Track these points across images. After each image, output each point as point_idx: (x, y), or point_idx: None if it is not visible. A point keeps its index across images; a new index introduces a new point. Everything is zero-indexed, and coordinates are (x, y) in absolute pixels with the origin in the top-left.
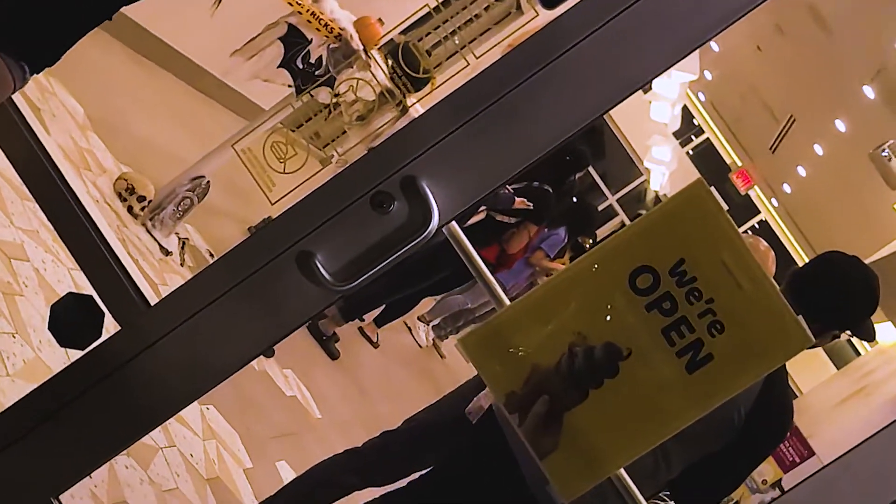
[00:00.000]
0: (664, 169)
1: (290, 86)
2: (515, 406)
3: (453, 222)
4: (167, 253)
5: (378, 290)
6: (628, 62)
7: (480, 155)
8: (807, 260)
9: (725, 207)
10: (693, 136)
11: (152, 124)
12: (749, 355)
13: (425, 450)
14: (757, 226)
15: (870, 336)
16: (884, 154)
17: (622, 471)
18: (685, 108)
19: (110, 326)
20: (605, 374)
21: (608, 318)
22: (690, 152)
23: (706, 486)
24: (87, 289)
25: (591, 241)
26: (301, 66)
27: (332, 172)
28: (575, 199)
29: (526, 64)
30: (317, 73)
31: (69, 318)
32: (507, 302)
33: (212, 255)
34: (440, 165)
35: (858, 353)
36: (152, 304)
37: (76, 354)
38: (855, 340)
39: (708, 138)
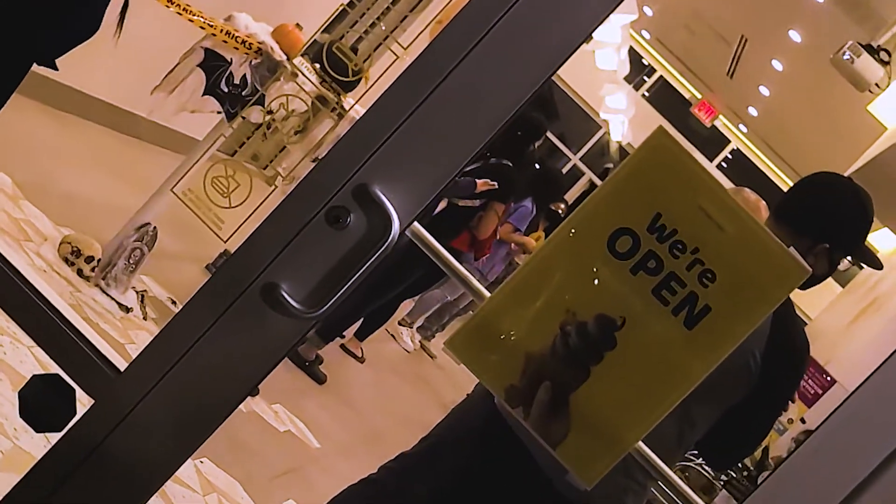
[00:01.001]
0: (622, 117)
1: (218, 112)
2: (517, 399)
3: (415, 223)
4: (127, 310)
5: (353, 304)
6: (564, 19)
7: (430, 148)
8: (790, 183)
9: (694, 149)
10: (646, 78)
11: (85, 179)
12: (747, 298)
13: (445, 467)
14: (730, 156)
15: (875, 263)
16: (846, 57)
17: (641, 443)
18: (632, 50)
19: (84, 399)
20: (603, 347)
21: (594, 289)
22: (646, 94)
23: (735, 441)
24: (51, 366)
25: (563, 205)
26: (226, 90)
27: (281, 193)
28: (538, 167)
29: (457, 44)
30: (244, 93)
31: (39, 403)
32: (487, 293)
33: (174, 303)
34: (390, 167)
35: (861, 268)
36: (122, 368)
37: (56, 435)
38: None
39: (661, 76)
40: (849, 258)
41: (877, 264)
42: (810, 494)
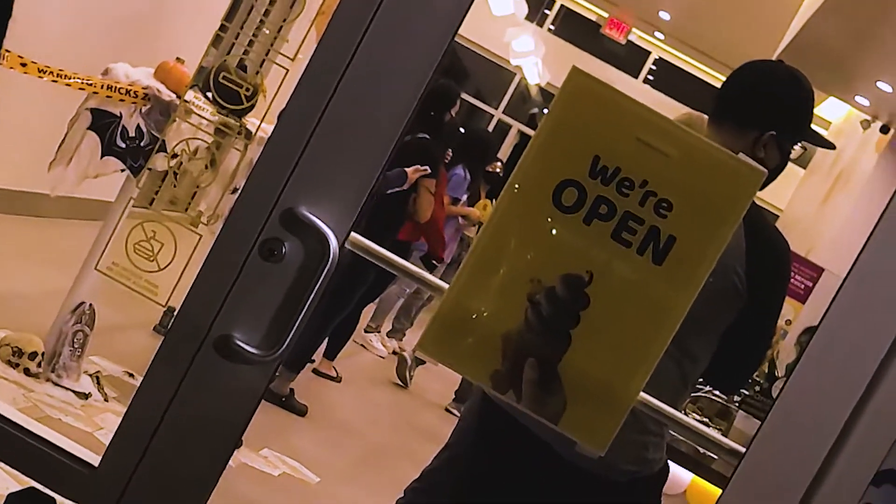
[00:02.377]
0: (533, 58)
1: (123, 170)
2: (505, 384)
3: (352, 233)
4: (86, 396)
5: (313, 327)
6: None
7: (345, 153)
8: (721, 78)
9: (615, 69)
10: (546, 11)
11: (5, 274)
12: (709, 217)
13: (466, 475)
14: (654, 66)
15: (825, 143)
16: None
17: (644, 395)
18: None
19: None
20: (577, 307)
21: (553, 250)
22: (552, 27)
23: (739, 361)
24: (24, 479)
25: (498, 164)
26: (124, 145)
27: (209, 233)
28: (462, 131)
29: (345, 38)
30: (143, 143)
31: None
32: (444, 285)
33: (131, 376)
34: (311, 185)
35: (833, 148)
36: (96, 462)
37: None
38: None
39: (562, 5)
40: (799, 143)
41: (827, 144)
42: (829, 395)
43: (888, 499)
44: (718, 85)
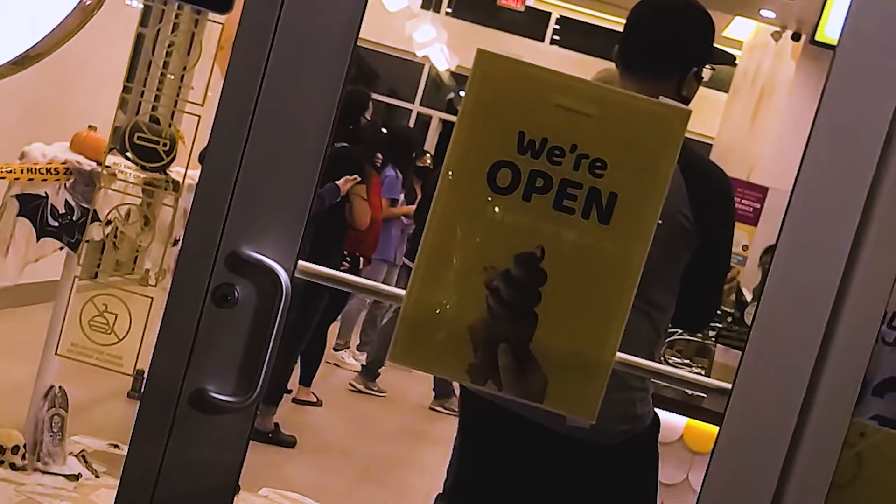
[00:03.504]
0: (437, 45)
1: (61, 248)
2: (483, 375)
3: (300, 262)
4: (77, 477)
5: (282, 359)
6: None
7: (275, 183)
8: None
9: (520, 38)
10: None
11: None
12: (645, 166)
13: (480, 479)
14: (558, 26)
15: (727, 58)
16: None
17: (620, 354)
18: None
19: None
20: (535, 284)
21: (499, 234)
22: (449, 11)
23: (700, 299)
24: (28, 491)
25: (427, 158)
26: (57, 224)
27: (161, 290)
28: (385, 131)
29: (248, 70)
30: (75, 217)
31: None
32: (401, 292)
33: (116, 447)
34: (248, 223)
35: (735, 64)
36: None
37: None
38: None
39: None
40: (707, 67)
41: (728, 58)
42: (803, 307)
43: (893, 408)
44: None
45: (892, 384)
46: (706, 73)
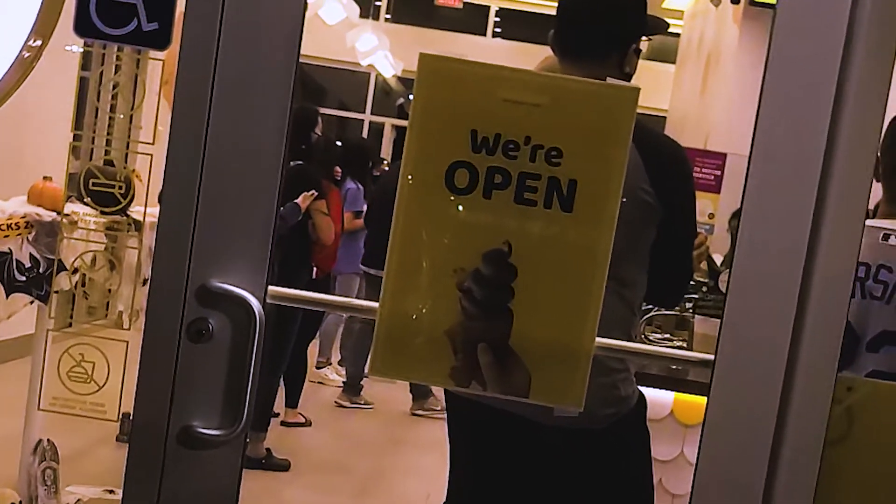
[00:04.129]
0: (381, 52)
1: (32, 302)
2: (465, 377)
3: (270, 287)
4: None
5: (265, 385)
6: (274, 9)
7: (235, 212)
8: None
9: (464, 35)
10: (377, 3)
11: None
12: (600, 149)
13: (478, 486)
14: (498, 18)
15: (661, 26)
16: None
17: (599, 338)
18: None
19: None
20: (507, 280)
21: (465, 235)
22: (388, 17)
23: (672, 273)
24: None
25: (384, 164)
26: (24, 278)
27: (136, 331)
28: (339, 144)
29: (194, 101)
30: (42, 270)
31: None
32: (374, 305)
33: (111, 492)
34: (214, 255)
35: (677, 35)
36: None
37: None
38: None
39: None
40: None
41: (663, 27)
42: (775, 268)
43: (891, 362)
44: None
45: (888, 338)
46: (643, 44)
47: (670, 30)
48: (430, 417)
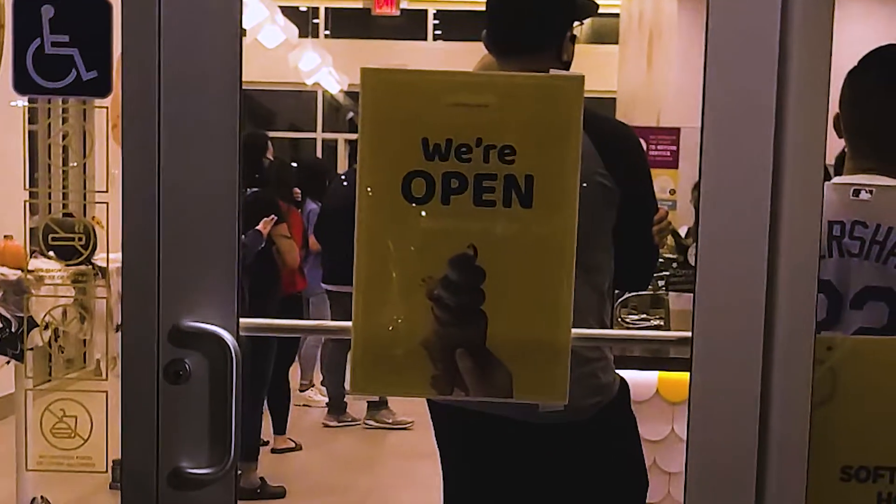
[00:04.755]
0: (325, 69)
1: (8, 362)
2: (446, 384)
3: (241, 319)
4: None
5: (249, 414)
6: (208, 37)
7: (198, 247)
8: None
9: (404, 42)
10: (314, 20)
11: None
12: (552, 141)
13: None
14: (437, 21)
15: (592, 7)
16: None
17: (574, 330)
18: (284, 9)
19: None
20: (476, 283)
21: (428, 243)
22: (328, 33)
23: (637, 254)
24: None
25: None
26: None
27: (114, 376)
28: (295, 165)
29: (142, 138)
30: (14, 329)
31: None
32: (347, 324)
33: None
34: (181, 294)
35: (616, 15)
36: None
37: None
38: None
39: (326, 8)
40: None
41: (593, 9)
42: (741, 235)
43: (877, 316)
44: None
45: (870, 293)
46: (576, 30)
47: (610, 10)
48: (385, 429)
